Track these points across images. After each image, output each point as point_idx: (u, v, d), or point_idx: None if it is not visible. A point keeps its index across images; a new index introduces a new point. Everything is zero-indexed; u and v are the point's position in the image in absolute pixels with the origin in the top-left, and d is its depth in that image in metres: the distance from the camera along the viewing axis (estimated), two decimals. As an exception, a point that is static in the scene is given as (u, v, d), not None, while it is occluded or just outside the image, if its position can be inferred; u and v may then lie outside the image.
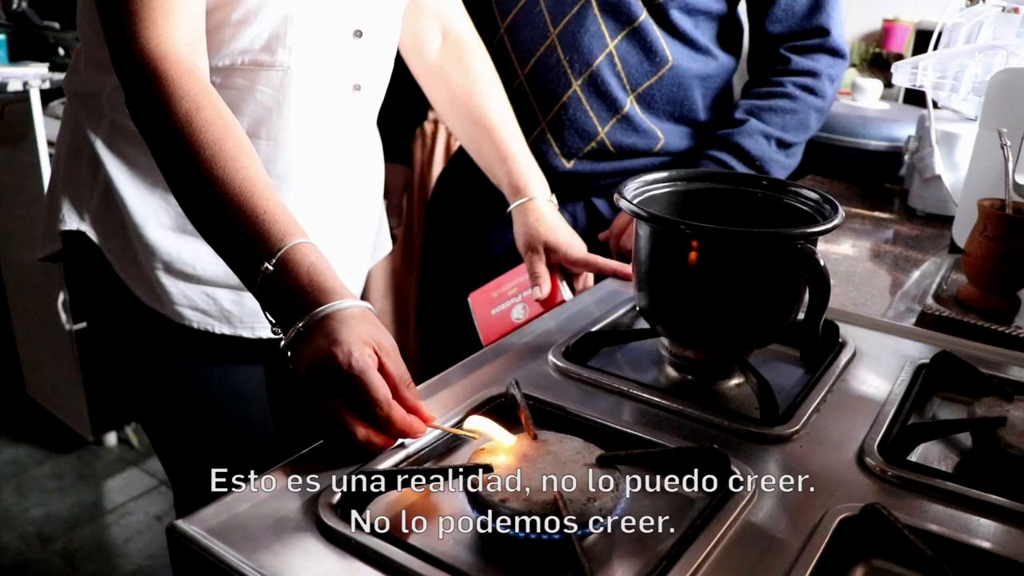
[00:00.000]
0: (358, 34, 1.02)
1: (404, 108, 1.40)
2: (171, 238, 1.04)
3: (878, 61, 2.42)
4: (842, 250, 1.34)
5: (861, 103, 1.88)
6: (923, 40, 2.20)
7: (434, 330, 1.52)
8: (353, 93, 1.05)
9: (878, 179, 1.79)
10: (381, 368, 0.71)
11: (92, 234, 1.06)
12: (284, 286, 0.76)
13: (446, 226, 1.47)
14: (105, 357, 1.15)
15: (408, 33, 1.19)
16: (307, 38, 0.98)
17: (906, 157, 1.62)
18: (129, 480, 2.46)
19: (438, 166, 2.20)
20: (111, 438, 2.60)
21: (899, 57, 2.38)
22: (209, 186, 0.79)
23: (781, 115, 1.31)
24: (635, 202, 0.88)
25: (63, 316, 2.35)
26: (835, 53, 1.34)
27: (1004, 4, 1.55)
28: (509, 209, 1.18)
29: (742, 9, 1.38)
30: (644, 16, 1.26)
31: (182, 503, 1.19)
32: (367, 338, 0.71)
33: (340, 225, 1.14)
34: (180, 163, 0.80)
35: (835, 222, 0.82)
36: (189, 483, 1.16)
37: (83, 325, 2.34)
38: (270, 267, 0.76)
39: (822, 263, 0.76)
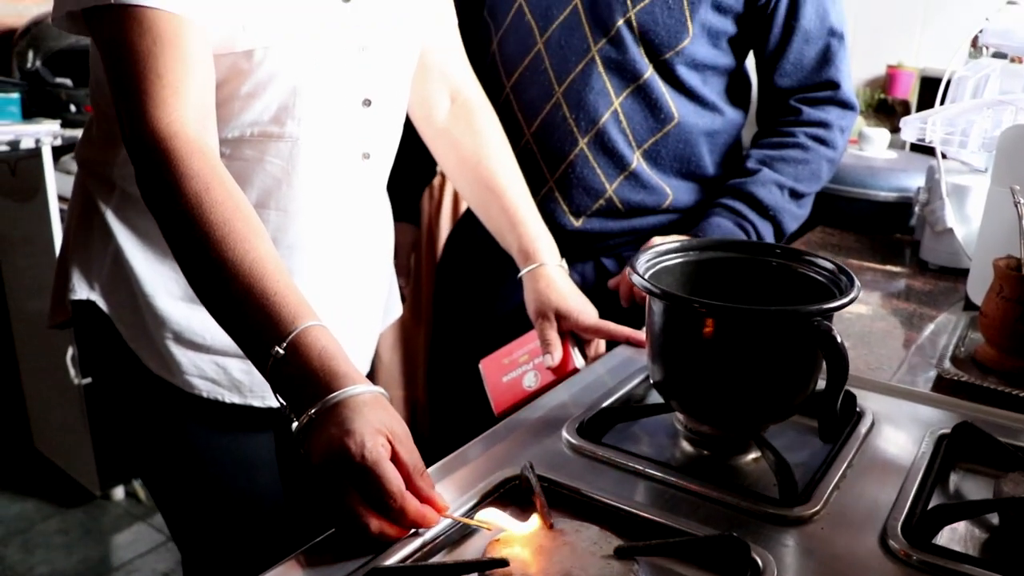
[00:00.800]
0: (367, 103, 1.03)
1: (413, 169, 1.41)
2: (181, 308, 1.03)
3: (883, 107, 2.42)
4: (856, 308, 1.33)
5: (869, 152, 1.88)
6: (928, 87, 2.20)
7: (445, 389, 1.51)
8: (362, 161, 1.06)
9: (888, 229, 1.78)
10: (394, 457, 0.70)
11: (102, 303, 1.05)
12: (295, 370, 0.75)
13: (457, 284, 1.47)
14: (114, 422, 1.14)
15: (416, 97, 1.19)
16: (316, 109, 0.98)
17: (916, 208, 1.62)
18: (136, 536, 2.43)
19: (446, 220, 2.20)
20: (119, 492, 2.59)
21: (904, 104, 2.38)
22: (219, 267, 0.78)
23: (793, 165, 1.31)
24: (647, 275, 0.87)
25: (72, 371, 2.35)
26: (845, 105, 1.34)
27: (1006, 52, 1.55)
28: (520, 275, 1.17)
29: (750, 63, 1.38)
30: (650, 72, 1.26)
31: (189, 566, 1.18)
32: (380, 427, 0.70)
33: (351, 291, 1.13)
34: (190, 244, 0.80)
35: (851, 295, 0.81)
36: (197, 549, 1.15)
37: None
38: (281, 351, 0.75)
39: (839, 340, 0.75)
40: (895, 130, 2.42)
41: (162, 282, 1.04)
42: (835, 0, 1.31)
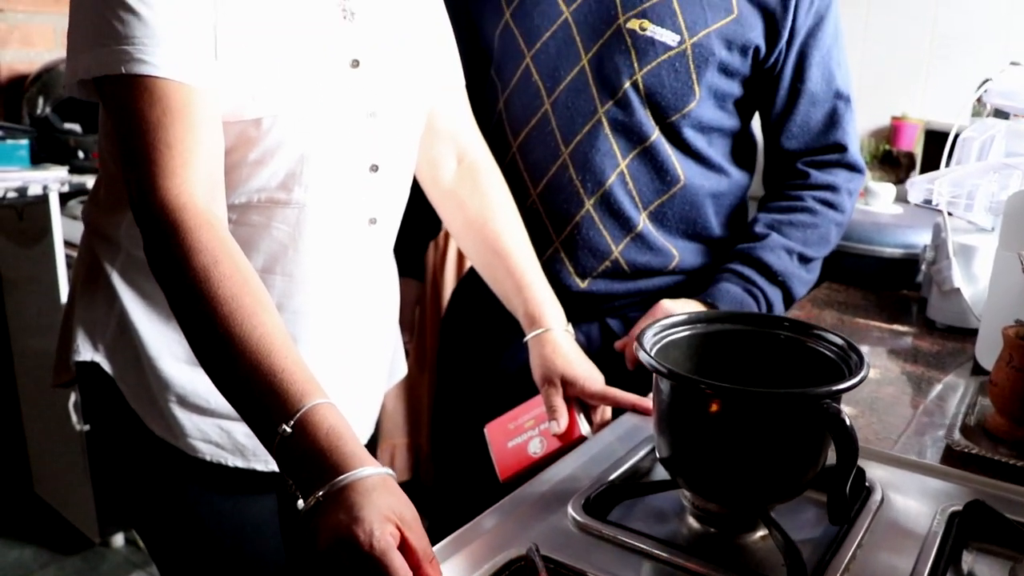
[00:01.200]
0: (374, 168, 1.03)
1: (418, 224, 1.41)
2: (185, 371, 1.03)
3: (888, 159, 2.43)
4: (863, 371, 1.32)
5: (875, 207, 1.88)
6: (933, 140, 2.21)
7: (450, 448, 1.49)
8: (369, 227, 1.06)
9: (895, 286, 1.78)
10: (403, 543, 0.69)
11: (106, 365, 1.05)
12: (302, 449, 0.74)
13: (462, 342, 1.46)
14: (115, 483, 1.13)
15: (424, 159, 1.19)
16: (323, 175, 0.98)
17: (923, 266, 1.61)
18: (135, 584, 2.41)
19: (450, 271, 2.20)
20: (118, 539, 2.57)
21: (909, 156, 2.39)
22: (226, 343, 0.78)
23: (802, 230, 1.31)
24: (655, 349, 0.86)
25: (74, 416, 2.34)
26: (853, 168, 1.34)
27: (1010, 111, 1.55)
28: (525, 339, 1.17)
29: (755, 124, 1.39)
30: (656, 135, 1.27)
31: None
32: (389, 513, 0.69)
33: (356, 355, 1.13)
34: (197, 318, 0.80)
35: (861, 375, 0.80)
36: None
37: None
38: (288, 429, 0.75)
39: (848, 424, 0.75)
40: (900, 181, 2.44)
41: (167, 345, 1.03)
42: (841, 63, 1.31)
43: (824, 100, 1.30)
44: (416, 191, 1.21)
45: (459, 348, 1.47)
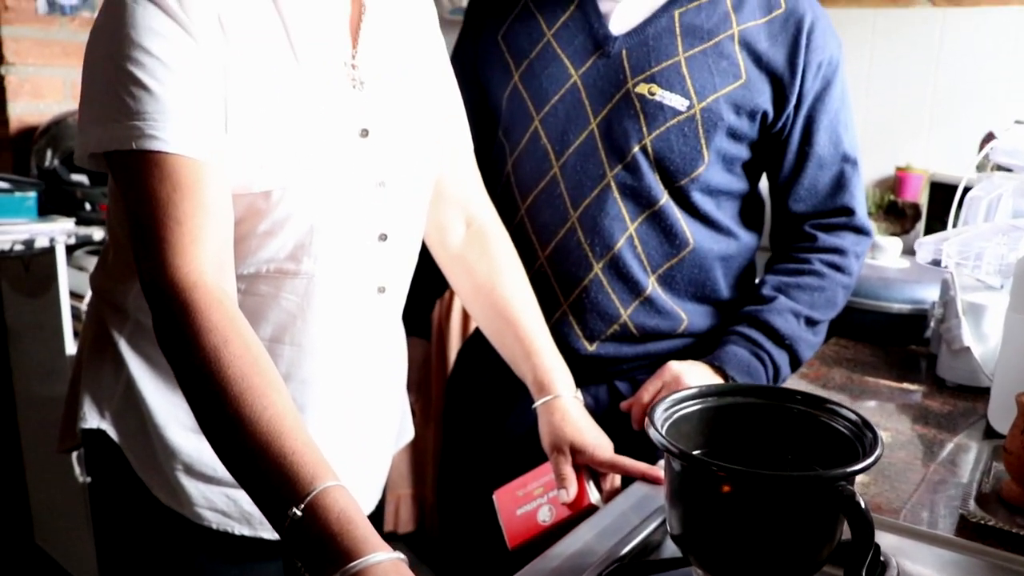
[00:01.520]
0: (383, 238, 1.03)
1: (424, 285, 1.40)
2: (192, 440, 1.03)
3: (893, 209, 2.43)
4: (874, 434, 1.30)
5: (882, 262, 1.88)
6: (938, 193, 2.21)
7: (456, 513, 1.48)
8: (378, 295, 1.05)
9: (903, 341, 1.77)
10: None
11: (112, 433, 1.05)
12: (313, 533, 0.73)
13: (469, 402, 1.46)
14: (119, 550, 1.12)
15: (432, 223, 1.19)
16: (332, 246, 0.98)
17: (931, 323, 1.61)
18: (136, 638, 2.38)
19: (455, 327, 2.20)
20: (120, 591, 2.53)
21: (914, 207, 2.39)
22: (236, 424, 0.77)
23: (809, 293, 1.31)
24: (666, 425, 0.86)
25: (77, 468, 2.33)
26: (860, 231, 1.34)
27: (1015, 169, 1.55)
28: (534, 406, 1.16)
29: (763, 184, 1.39)
30: (665, 199, 1.27)
31: None
32: None
33: (364, 420, 1.12)
34: (206, 398, 0.80)
35: (876, 454, 0.79)
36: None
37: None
38: (298, 512, 0.74)
39: (864, 506, 0.74)
40: (905, 232, 2.44)
41: (173, 413, 1.03)
42: (848, 126, 1.32)
43: (831, 163, 1.31)
44: (422, 250, 1.21)
45: (466, 409, 1.46)
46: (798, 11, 1.26)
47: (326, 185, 0.95)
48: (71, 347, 2.36)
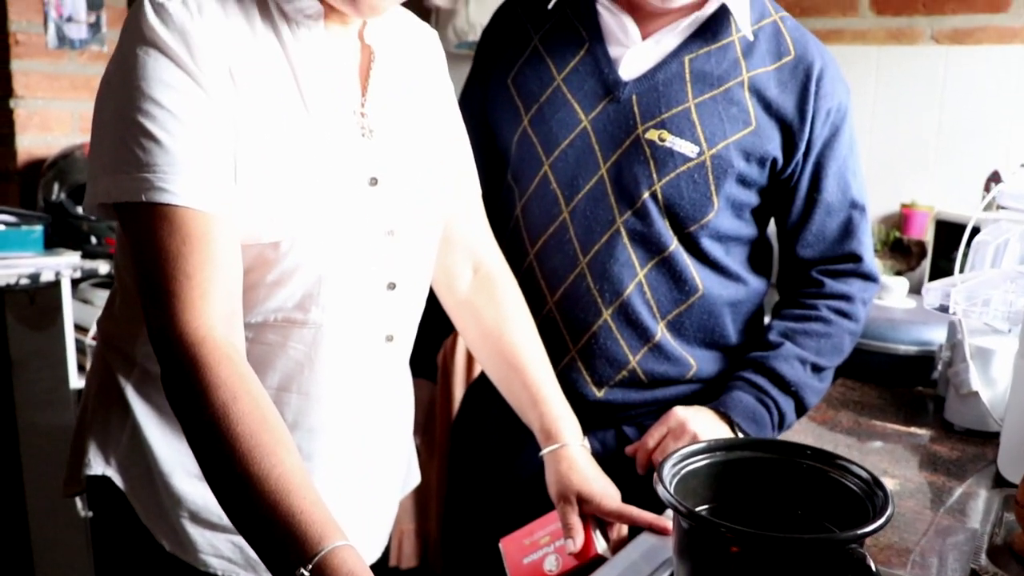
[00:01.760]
0: (391, 286, 1.03)
1: (432, 326, 1.39)
2: (198, 487, 1.02)
3: (899, 246, 2.43)
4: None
5: (888, 303, 1.87)
6: (944, 231, 2.21)
7: (461, 558, 1.47)
8: (386, 343, 1.05)
9: (910, 382, 1.76)
10: None
11: (118, 480, 1.04)
12: None
13: (475, 446, 1.45)
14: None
15: (439, 269, 1.19)
16: (340, 295, 0.98)
17: (939, 365, 1.60)
18: (136, 675, 2.35)
19: (459, 365, 2.19)
20: (120, 627, 2.51)
21: (920, 245, 2.39)
22: (244, 482, 0.77)
23: (816, 339, 1.30)
24: (673, 481, 0.85)
25: (79, 502, 2.32)
26: (867, 277, 1.34)
27: (1021, 210, 1.55)
28: (541, 454, 1.16)
29: (772, 228, 1.39)
30: (674, 245, 1.27)
31: None
32: None
33: (371, 468, 1.12)
34: (215, 454, 0.79)
35: (888, 514, 0.79)
36: None
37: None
38: (306, 572, 0.73)
39: (874, 569, 0.73)
40: (910, 269, 2.43)
41: (179, 460, 1.02)
42: (856, 172, 1.32)
43: (839, 210, 1.30)
44: (429, 291, 1.21)
45: (472, 452, 1.45)
46: (807, 58, 1.27)
47: (335, 235, 0.95)
48: (75, 380, 2.35)
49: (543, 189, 1.29)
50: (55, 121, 2.62)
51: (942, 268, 2.27)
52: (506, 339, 1.20)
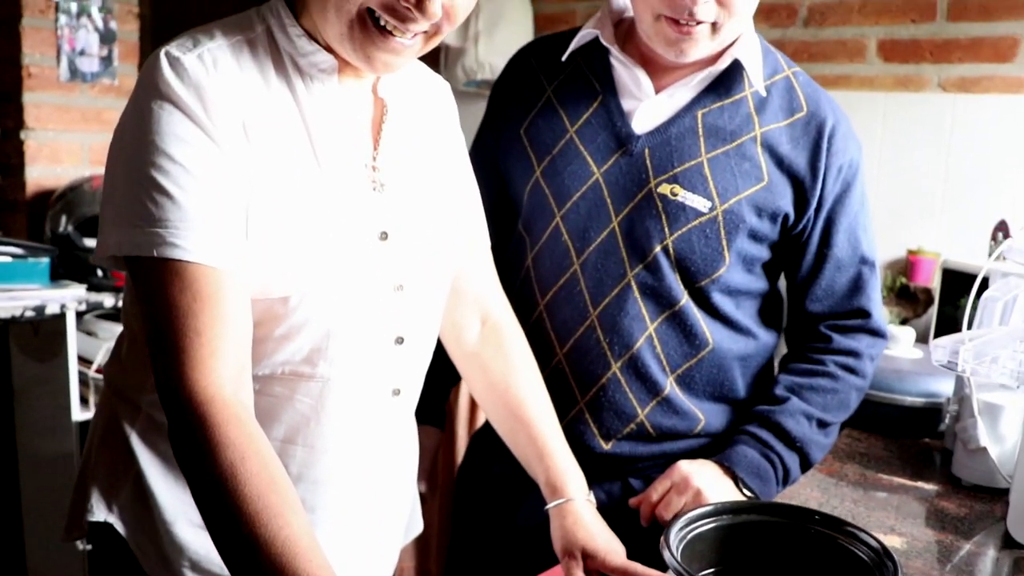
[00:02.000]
0: (399, 341, 1.02)
1: (440, 374, 1.38)
2: (201, 537, 1.01)
3: (905, 293, 2.43)
4: (891, 541, 1.28)
5: (895, 352, 1.86)
6: (951, 282, 2.21)
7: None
8: (392, 397, 1.05)
9: (917, 434, 1.75)
10: None
11: (120, 527, 1.04)
12: None
13: (480, 495, 1.44)
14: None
15: (447, 319, 1.19)
16: (348, 350, 0.98)
17: (946, 419, 1.59)
18: None
19: (463, 410, 2.19)
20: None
21: (927, 292, 2.39)
22: (251, 543, 0.77)
23: (822, 394, 1.30)
24: (680, 546, 0.84)
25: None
26: (876, 333, 1.34)
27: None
28: (546, 508, 1.15)
29: (782, 282, 1.39)
30: (685, 299, 1.26)
31: None
32: None
33: (374, 518, 1.11)
34: (221, 514, 0.79)
35: (898, 588, 0.78)
36: None
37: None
38: None
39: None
40: (917, 316, 2.43)
41: (182, 509, 1.02)
42: (867, 228, 1.32)
43: (849, 265, 1.30)
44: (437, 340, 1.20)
45: (476, 501, 1.44)
46: (820, 114, 1.27)
47: (344, 290, 0.95)
48: (77, 411, 2.35)
49: (554, 241, 1.29)
50: (65, 153, 2.63)
51: (948, 315, 2.27)
52: (513, 392, 1.19)
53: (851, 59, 2.63)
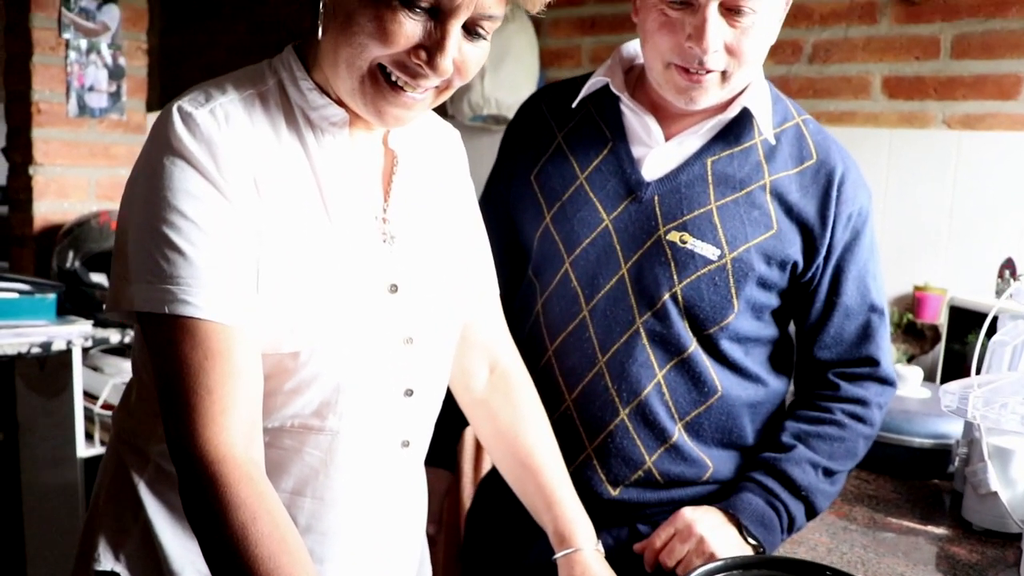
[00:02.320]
0: (409, 393, 1.02)
1: (452, 417, 1.37)
2: (207, 588, 1.00)
3: (912, 330, 2.42)
4: (902, 590, 1.28)
5: (903, 392, 1.86)
6: (958, 320, 2.20)
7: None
8: (402, 449, 1.04)
9: (926, 475, 1.74)
10: None
11: None
12: None
13: (489, 537, 1.43)
14: None
15: (456, 368, 1.18)
16: (358, 403, 0.97)
17: (956, 461, 1.58)
18: None
19: (468, 452, 2.18)
20: None
21: (934, 329, 2.38)
22: None
23: (829, 443, 1.29)
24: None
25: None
26: (884, 382, 1.33)
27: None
28: (554, 558, 1.14)
29: (792, 327, 1.38)
30: (694, 347, 1.26)
31: None
32: None
33: (384, 569, 1.11)
34: (232, 574, 0.78)
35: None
36: None
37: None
38: None
39: None
40: (924, 353, 2.42)
41: (190, 559, 1.01)
42: (876, 276, 1.32)
43: (858, 313, 1.30)
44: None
45: (486, 545, 1.43)
46: (829, 162, 1.27)
47: (354, 343, 0.95)
48: (82, 447, 2.35)
49: (564, 286, 1.29)
50: (72, 188, 2.64)
51: (956, 352, 2.26)
52: (521, 440, 1.19)
53: (856, 95, 2.64)
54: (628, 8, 1.28)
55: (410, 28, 0.87)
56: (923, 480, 1.74)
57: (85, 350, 2.35)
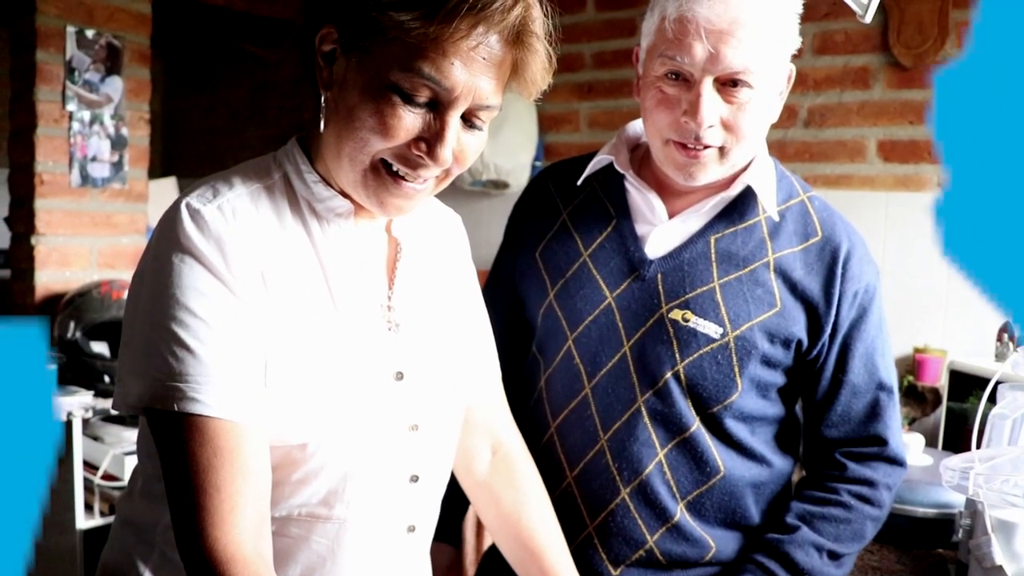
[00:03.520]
0: (414, 479, 1.02)
1: (456, 494, 1.37)
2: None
3: (913, 392, 2.42)
4: (910, 671, 1.26)
5: (905, 460, 1.85)
6: (958, 384, 2.21)
7: None
8: (408, 534, 1.04)
9: (930, 544, 1.73)
10: None
11: None
12: None
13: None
14: None
15: (459, 450, 1.18)
16: (364, 491, 0.98)
17: (959, 531, 1.57)
18: None
19: (469, 524, 2.17)
20: None
21: (935, 392, 2.39)
22: None
23: (835, 524, 1.27)
24: None
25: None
26: (893, 462, 1.31)
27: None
28: None
29: (799, 406, 1.38)
30: (696, 425, 1.25)
31: None
32: None
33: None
34: None
35: None
36: None
37: None
38: None
39: None
40: (925, 416, 2.42)
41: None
42: (884, 353, 1.30)
43: (866, 391, 1.28)
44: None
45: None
46: (834, 240, 1.27)
47: (361, 432, 0.95)
48: (81, 519, 2.33)
49: (566, 363, 1.30)
50: (74, 257, 2.66)
51: (956, 414, 2.26)
52: (524, 523, 1.19)
53: (852, 159, 2.67)
54: (625, 74, 1.30)
55: (410, 121, 0.89)
56: (927, 550, 1.73)
57: (85, 420, 2.34)
